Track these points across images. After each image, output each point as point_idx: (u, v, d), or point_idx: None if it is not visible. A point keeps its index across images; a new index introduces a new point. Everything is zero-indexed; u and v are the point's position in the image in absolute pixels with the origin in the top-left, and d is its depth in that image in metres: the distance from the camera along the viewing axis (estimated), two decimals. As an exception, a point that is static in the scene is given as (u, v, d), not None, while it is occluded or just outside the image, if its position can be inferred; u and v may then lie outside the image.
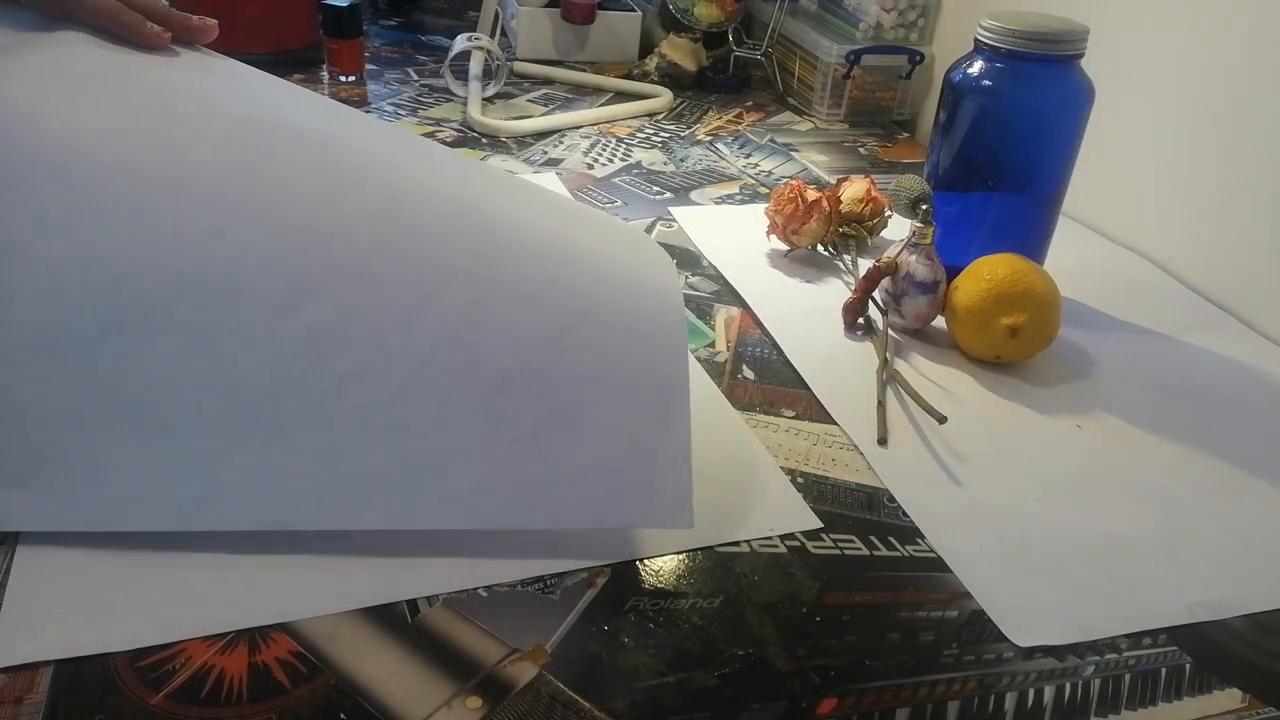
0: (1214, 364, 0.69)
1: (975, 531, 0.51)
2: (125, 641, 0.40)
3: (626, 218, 0.83)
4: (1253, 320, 0.75)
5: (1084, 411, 0.62)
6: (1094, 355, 0.69)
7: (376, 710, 0.39)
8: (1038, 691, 0.43)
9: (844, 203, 0.79)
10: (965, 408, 0.62)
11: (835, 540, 0.50)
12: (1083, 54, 0.66)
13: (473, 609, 0.44)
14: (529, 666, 0.41)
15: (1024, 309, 0.63)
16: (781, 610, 0.45)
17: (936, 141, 0.71)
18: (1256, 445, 0.61)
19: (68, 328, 0.42)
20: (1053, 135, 0.68)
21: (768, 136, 1.07)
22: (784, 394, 0.62)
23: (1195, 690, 0.44)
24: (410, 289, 0.45)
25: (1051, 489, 0.55)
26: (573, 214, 0.55)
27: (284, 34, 1.10)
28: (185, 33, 0.51)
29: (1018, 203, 0.71)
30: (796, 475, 0.54)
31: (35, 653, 0.39)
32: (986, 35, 0.66)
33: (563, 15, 1.20)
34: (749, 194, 0.91)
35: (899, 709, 0.41)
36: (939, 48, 1.13)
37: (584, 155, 0.96)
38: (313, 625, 0.42)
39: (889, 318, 0.68)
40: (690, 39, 1.20)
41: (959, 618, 0.46)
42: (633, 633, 0.43)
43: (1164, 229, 0.83)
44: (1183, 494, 0.56)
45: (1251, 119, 0.75)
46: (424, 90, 1.09)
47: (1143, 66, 0.84)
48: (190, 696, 0.38)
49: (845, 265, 0.78)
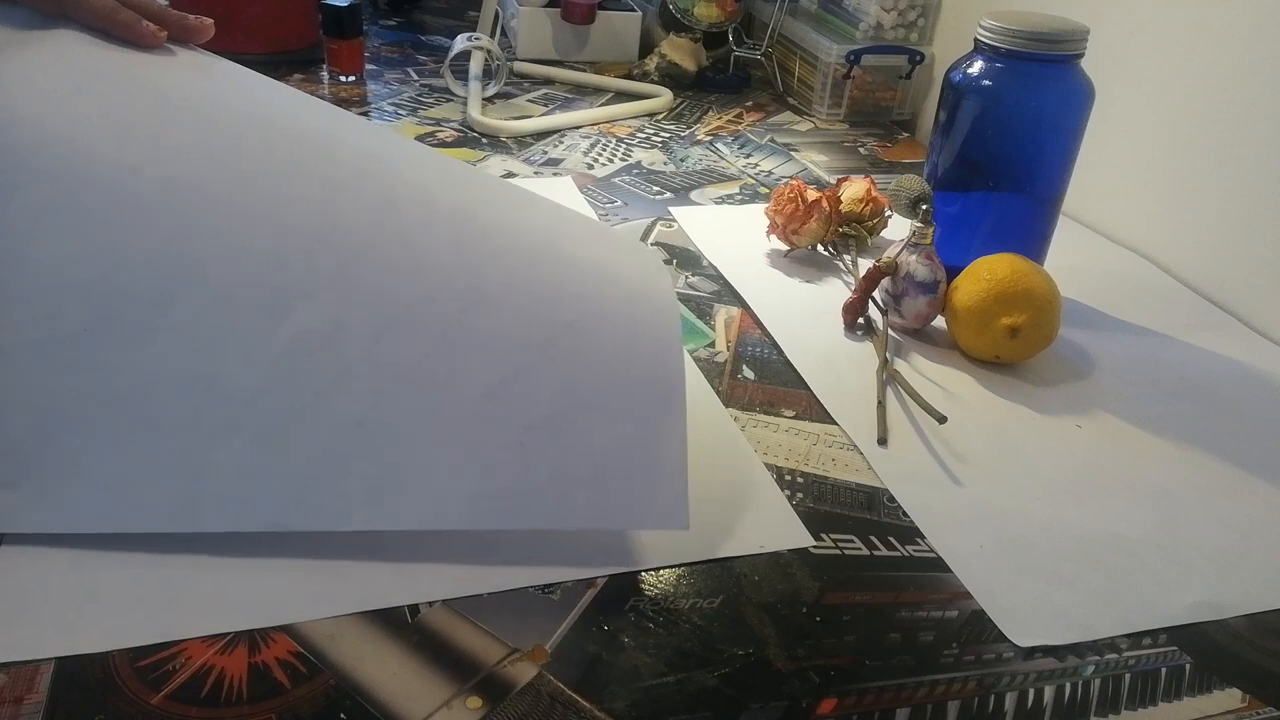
0: (1214, 364, 0.69)
1: (975, 531, 0.51)
2: (124, 641, 0.40)
3: (626, 218, 0.84)
4: (1253, 320, 0.75)
5: (1084, 411, 0.62)
6: (1094, 355, 0.69)
7: (376, 710, 0.39)
8: (1038, 691, 0.43)
9: (844, 203, 0.79)
10: (965, 408, 0.62)
11: (835, 540, 0.50)
12: (1083, 54, 0.66)
13: (473, 609, 0.44)
14: (529, 666, 0.41)
15: (1024, 309, 0.63)
16: (781, 610, 0.45)
17: (936, 141, 0.71)
18: (1256, 445, 0.61)
19: (55, 327, 0.42)
20: (1053, 135, 0.68)
21: (768, 136, 1.07)
22: (784, 394, 0.62)
23: (1195, 690, 0.44)
24: (402, 293, 0.45)
25: (1051, 489, 0.55)
26: (567, 221, 0.55)
27: (284, 34, 1.10)
28: (181, 32, 0.51)
29: (1018, 203, 0.71)
30: (796, 475, 0.54)
31: (34, 650, 0.39)
32: (986, 35, 0.66)
33: (563, 15, 1.20)
34: (749, 194, 0.91)
35: (899, 709, 0.41)
36: (939, 48, 1.13)
37: (584, 155, 0.96)
38: (313, 625, 0.42)
39: (889, 318, 0.68)
40: (690, 39, 1.20)
41: (959, 618, 0.46)
42: (633, 633, 0.43)
43: (1164, 229, 0.83)
44: (1183, 494, 0.56)
45: (1251, 119, 0.75)
46: (424, 90, 1.09)
47: (1143, 66, 0.84)
48: (190, 696, 0.38)
49: (845, 265, 0.78)
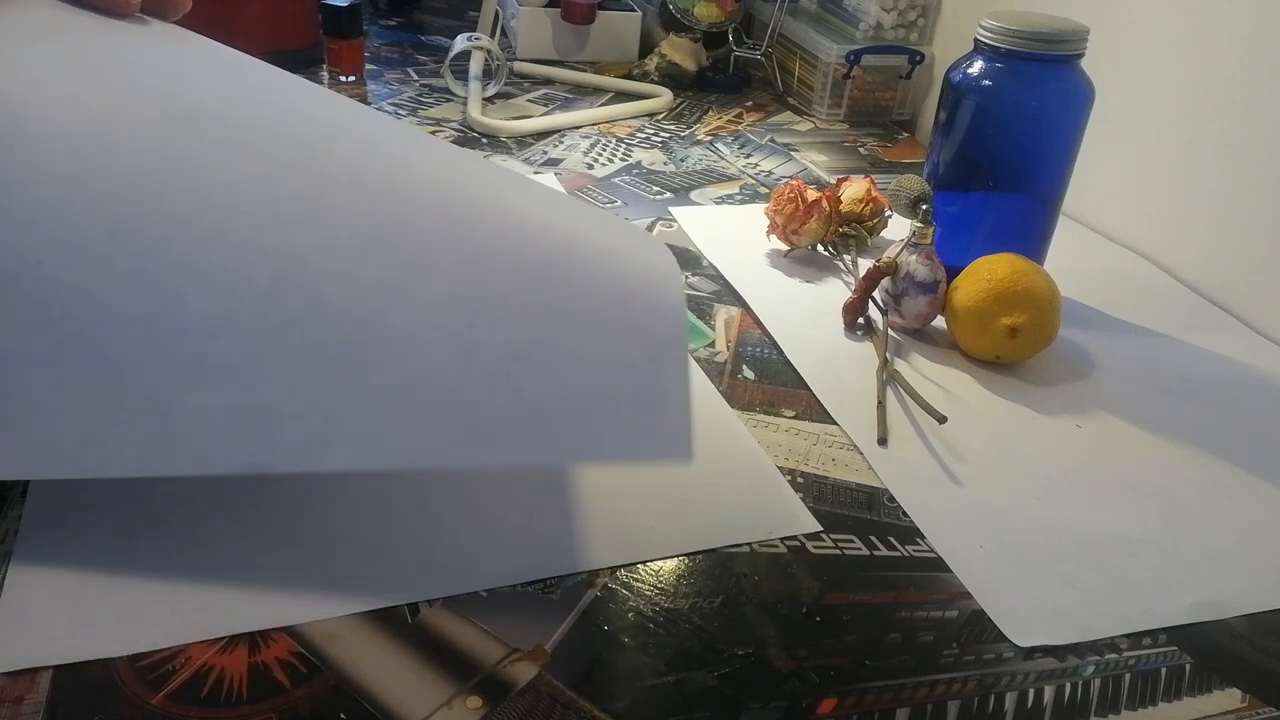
0: (1214, 364, 0.69)
1: (975, 531, 0.51)
2: (125, 646, 0.40)
3: (627, 218, 0.83)
4: (1253, 320, 0.75)
5: (1084, 411, 0.62)
6: (1094, 355, 0.69)
7: (376, 710, 0.39)
8: (1038, 691, 0.43)
9: (844, 203, 0.79)
10: (965, 408, 0.62)
11: (835, 540, 0.50)
12: (1083, 54, 0.66)
13: (473, 609, 0.44)
14: (529, 666, 0.41)
15: (1024, 309, 0.63)
16: (781, 610, 0.45)
17: (936, 141, 0.71)
18: (1256, 445, 0.61)
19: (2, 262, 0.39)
20: (1053, 135, 0.68)
21: (768, 136, 1.07)
22: (784, 394, 0.62)
23: (1195, 690, 0.44)
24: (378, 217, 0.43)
25: (1051, 489, 0.55)
26: (566, 202, 0.53)
27: (284, 34, 1.10)
28: (156, 4, 0.51)
29: (1018, 203, 0.71)
30: (796, 475, 0.54)
31: (34, 658, 0.39)
32: (986, 35, 0.66)
33: (563, 15, 1.20)
34: (749, 194, 0.91)
35: (899, 709, 0.41)
36: (939, 48, 1.13)
37: (584, 155, 0.96)
38: (313, 625, 0.42)
39: (889, 318, 0.68)
40: (690, 39, 1.20)
41: (959, 618, 0.46)
42: (633, 633, 0.43)
43: (1164, 229, 0.83)
44: (1183, 494, 0.56)
45: (1251, 119, 0.75)
46: (424, 90, 1.09)
47: (1143, 66, 0.84)
48: (190, 696, 0.38)
49: (845, 265, 0.78)
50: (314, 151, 0.44)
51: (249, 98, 0.46)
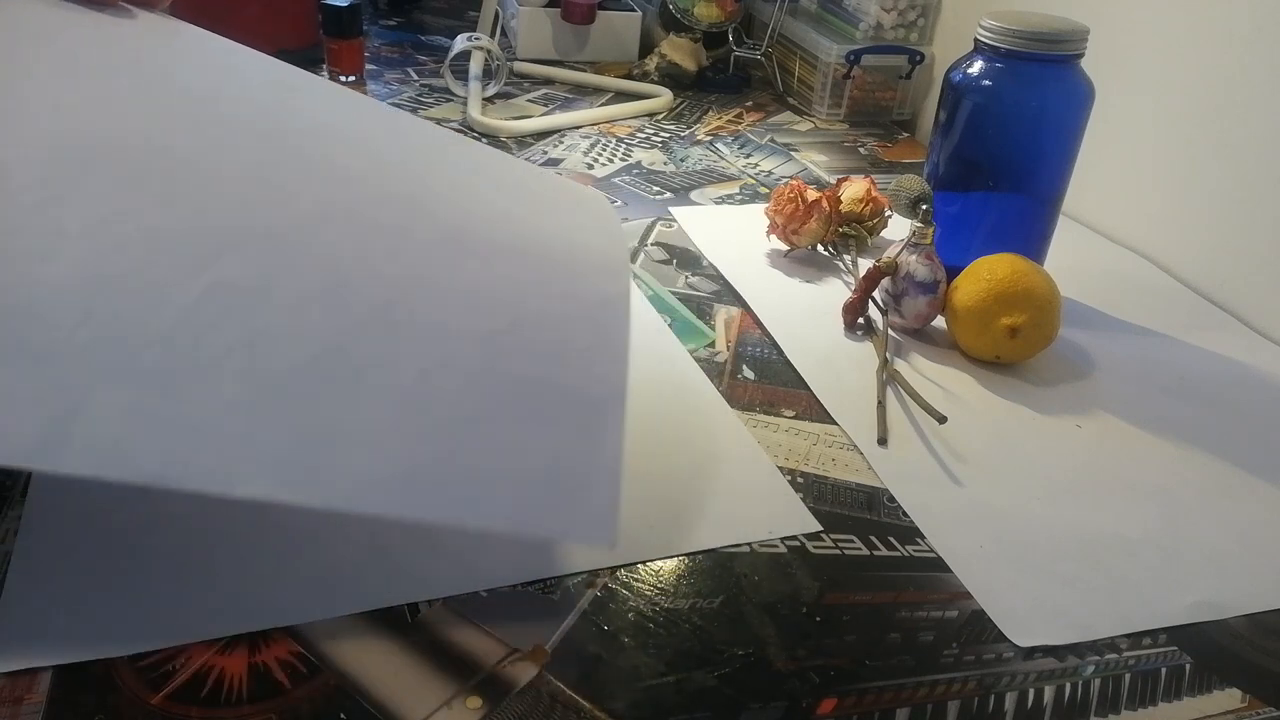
0: (1214, 364, 0.69)
1: (975, 531, 0.51)
2: (125, 647, 0.40)
3: (627, 218, 0.84)
4: (1253, 320, 0.75)
5: (1084, 411, 0.62)
6: (1094, 355, 0.69)
7: (376, 710, 0.39)
8: (1038, 691, 0.43)
9: (844, 203, 0.79)
10: (965, 408, 0.62)
11: (835, 540, 0.50)
12: (1083, 54, 0.66)
13: (473, 609, 0.44)
14: (529, 666, 0.41)
15: (1024, 309, 0.63)
16: (781, 610, 0.45)
17: (936, 141, 0.71)
18: (1256, 445, 0.61)
19: None
20: (1053, 135, 0.68)
21: (768, 136, 1.07)
22: (784, 394, 0.62)
23: (1195, 690, 0.44)
24: (341, 264, 0.42)
25: (1051, 489, 0.55)
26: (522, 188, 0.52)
27: (284, 34, 1.10)
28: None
29: (1018, 203, 0.71)
30: (796, 475, 0.54)
31: (34, 658, 0.39)
32: (986, 35, 0.66)
33: (563, 15, 1.20)
34: (749, 194, 0.91)
35: (899, 709, 0.41)
36: (939, 48, 1.13)
37: (584, 155, 0.96)
38: (313, 625, 0.42)
39: (889, 318, 0.68)
40: (690, 39, 1.20)
41: (959, 618, 0.46)
42: (633, 633, 0.43)
43: (1164, 229, 0.83)
44: (1183, 494, 0.56)
45: (1251, 119, 0.75)
46: (424, 90, 1.09)
47: (1143, 66, 0.84)
48: (190, 696, 0.38)
49: (845, 265, 0.78)
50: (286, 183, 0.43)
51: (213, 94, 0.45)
